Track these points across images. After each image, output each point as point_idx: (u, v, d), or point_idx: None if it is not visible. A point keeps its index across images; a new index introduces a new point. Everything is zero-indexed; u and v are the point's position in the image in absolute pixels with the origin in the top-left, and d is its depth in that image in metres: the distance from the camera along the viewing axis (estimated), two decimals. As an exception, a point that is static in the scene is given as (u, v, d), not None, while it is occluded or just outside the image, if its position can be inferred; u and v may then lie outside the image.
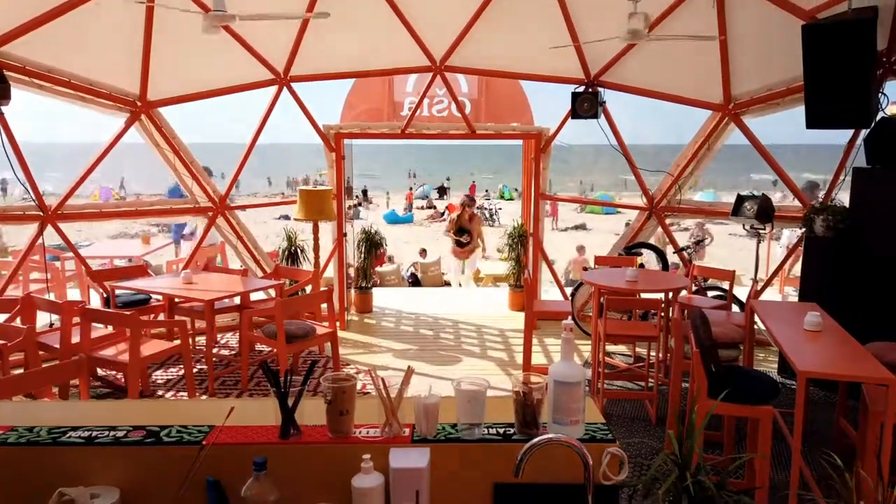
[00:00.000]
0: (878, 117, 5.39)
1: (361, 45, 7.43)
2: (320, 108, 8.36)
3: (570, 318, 2.28)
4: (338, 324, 6.62)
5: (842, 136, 6.11)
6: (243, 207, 9.02)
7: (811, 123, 5.57)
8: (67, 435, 1.88)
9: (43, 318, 6.54)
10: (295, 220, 7.32)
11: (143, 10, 5.98)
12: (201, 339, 6.91)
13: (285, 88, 7.58)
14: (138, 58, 6.45)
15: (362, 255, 8.53)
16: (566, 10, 6.68)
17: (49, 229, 6.55)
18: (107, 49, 6.36)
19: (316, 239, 7.32)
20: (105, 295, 6.39)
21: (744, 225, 6.69)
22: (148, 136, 7.19)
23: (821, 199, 6.26)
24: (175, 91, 7.11)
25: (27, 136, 6.40)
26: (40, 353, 4.73)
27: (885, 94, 5.43)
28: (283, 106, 7.78)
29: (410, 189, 38.38)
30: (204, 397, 5.63)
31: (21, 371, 4.63)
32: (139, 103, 6.87)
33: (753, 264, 6.72)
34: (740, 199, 6.64)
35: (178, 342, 5.42)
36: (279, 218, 24.80)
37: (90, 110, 6.69)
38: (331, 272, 8.31)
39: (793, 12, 5.68)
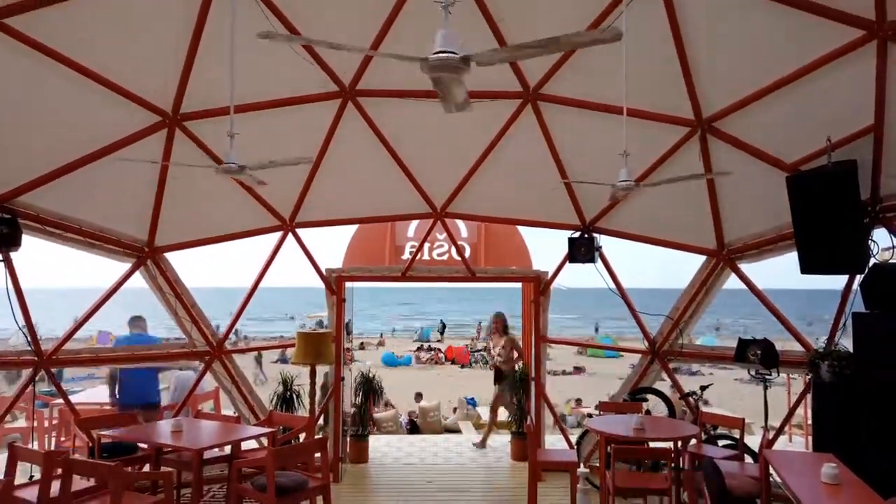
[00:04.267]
0: (871, 263, 5.49)
1: (365, 193, 7.74)
2: (322, 250, 8.55)
3: (581, 466, 2.16)
4: (331, 475, 6.29)
5: (838, 280, 6.18)
6: (241, 351, 8.92)
7: (805, 269, 5.68)
8: None
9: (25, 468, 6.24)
10: (292, 363, 7.21)
11: (157, 160, 6.29)
12: (189, 492, 6.54)
13: (290, 234, 7.79)
14: (148, 204, 6.68)
15: (359, 401, 8.31)
16: (560, 162, 7.03)
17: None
18: (118, 197, 6.60)
19: (312, 383, 7.16)
20: (90, 444, 6.14)
21: (748, 370, 6.58)
22: (151, 281, 7.28)
23: (824, 345, 6.21)
24: (182, 236, 7.30)
25: (29, 279, 6.49)
26: (15, 509, 4.45)
27: (874, 241, 5.57)
28: (287, 249, 7.96)
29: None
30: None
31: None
32: (146, 249, 7.02)
33: (763, 411, 6.53)
34: (743, 344, 6.58)
35: (161, 496, 5.12)
36: (276, 361, 24.49)
37: (97, 256, 6.82)
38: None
39: (775, 165, 5.99)
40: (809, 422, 7.62)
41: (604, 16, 5.44)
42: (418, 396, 14.89)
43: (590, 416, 9.54)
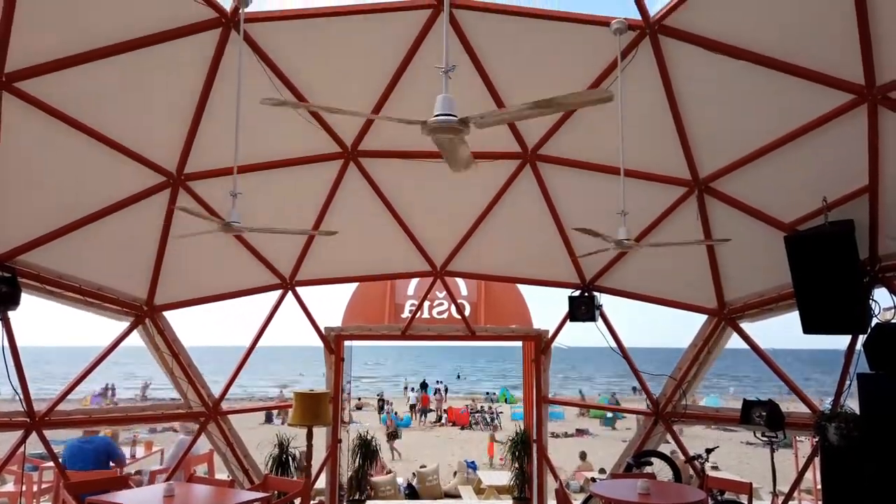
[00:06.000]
0: (873, 323, 5.45)
1: (365, 252, 7.77)
2: (321, 308, 8.51)
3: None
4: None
5: (842, 340, 6.12)
6: (237, 412, 8.76)
7: (807, 329, 5.65)
8: None
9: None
10: (289, 425, 7.06)
11: (160, 220, 6.33)
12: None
13: (290, 292, 7.77)
14: (148, 263, 6.67)
15: (357, 464, 8.10)
16: (559, 220, 7.09)
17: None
18: (119, 256, 6.60)
19: (309, 446, 6.98)
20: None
21: (754, 433, 6.45)
22: (149, 340, 7.20)
23: (830, 406, 6.11)
24: (182, 295, 7.27)
25: (26, 337, 6.41)
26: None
27: (875, 301, 5.55)
28: (285, 307, 7.92)
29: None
30: None
31: None
32: (145, 307, 6.99)
33: (771, 475, 6.36)
34: (748, 406, 6.47)
35: (150, 565, 4.93)
36: (267, 421, 24.01)
37: (95, 315, 6.77)
38: (323, 482, 7.84)
39: (773, 224, 6.03)
40: (819, 486, 7.42)
41: (600, 80, 5.59)
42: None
43: (593, 479, 9.29)
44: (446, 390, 34.07)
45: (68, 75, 4.81)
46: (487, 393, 37.40)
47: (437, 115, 2.91)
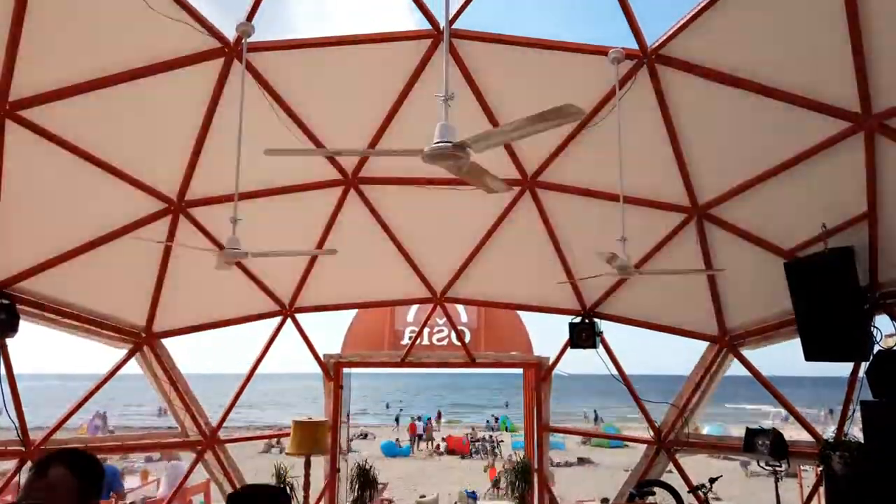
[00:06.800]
0: (876, 350, 5.41)
1: (365, 278, 7.76)
2: (320, 335, 8.48)
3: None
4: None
5: (844, 367, 6.08)
6: (235, 440, 8.66)
7: (809, 356, 5.61)
8: None
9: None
10: (287, 454, 6.98)
11: (159, 247, 6.33)
12: None
13: (289, 319, 7.74)
14: (147, 290, 6.66)
15: (355, 494, 7.98)
16: (559, 247, 7.09)
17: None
18: (118, 283, 6.59)
19: (307, 475, 6.89)
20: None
21: (758, 461, 6.37)
22: (147, 367, 7.16)
23: (833, 434, 6.04)
24: (181, 322, 7.24)
25: (23, 365, 6.37)
26: None
27: (877, 328, 5.52)
28: (284, 335, 7.88)
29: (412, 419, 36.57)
30: None
31: None
32: (143, 335, 6.95)
33: (775, 505, 6.26)
34: (751, 434, 6.40)
35: None
36: (266, 451, 23.68)
37: (93, 342, 6.74)
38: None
39: (773, 251, 6.02)
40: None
41: (599, 108, 5.64)
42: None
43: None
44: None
45: (71, 104, 4.84)
46: (487, 421, 36.85)
47: (435, 143, 2.94)
